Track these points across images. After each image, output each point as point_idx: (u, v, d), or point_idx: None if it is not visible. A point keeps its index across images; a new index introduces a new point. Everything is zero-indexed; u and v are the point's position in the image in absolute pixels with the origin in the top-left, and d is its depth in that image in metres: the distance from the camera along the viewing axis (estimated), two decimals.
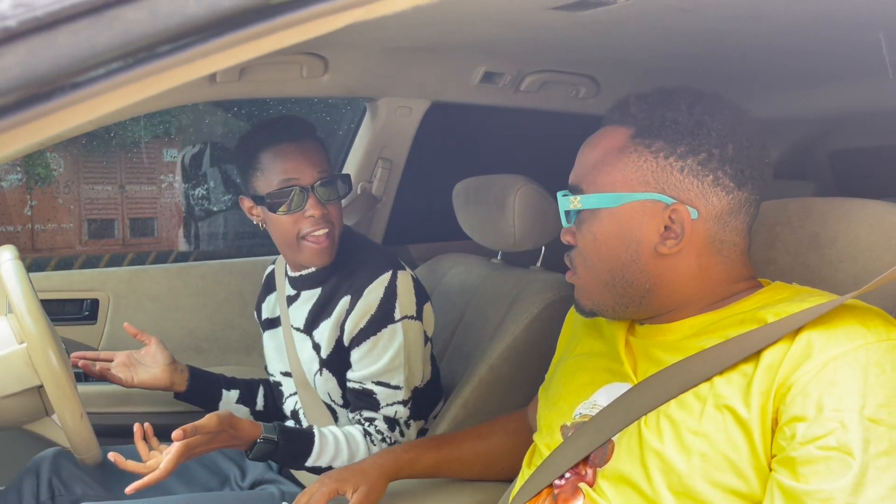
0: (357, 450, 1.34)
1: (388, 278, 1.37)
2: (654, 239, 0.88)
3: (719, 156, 0.85)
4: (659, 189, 0.87)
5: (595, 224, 0.91)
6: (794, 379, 0.74)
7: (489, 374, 1.48)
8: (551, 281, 1.55)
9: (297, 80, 1.60)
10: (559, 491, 0.91)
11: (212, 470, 1.56)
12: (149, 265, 2.06)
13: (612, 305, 0.94)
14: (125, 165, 3.75)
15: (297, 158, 1.35)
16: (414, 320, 1.39)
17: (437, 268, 1.89)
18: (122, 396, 1.79)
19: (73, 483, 1.42)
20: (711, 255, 0.88)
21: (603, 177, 0.90)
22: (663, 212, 0.87)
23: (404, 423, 1.38)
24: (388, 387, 1.37)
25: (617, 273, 0.90)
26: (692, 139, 0.86)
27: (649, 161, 0.87)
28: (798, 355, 0.75)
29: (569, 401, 0.98)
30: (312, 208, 1.36)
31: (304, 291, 1.49)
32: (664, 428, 0.82)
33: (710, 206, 0.86)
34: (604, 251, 0.91)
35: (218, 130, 3.20)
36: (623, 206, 0.89)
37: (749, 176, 0.87)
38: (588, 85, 1.84)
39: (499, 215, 1.57)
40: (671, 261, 0.88)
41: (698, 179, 0.86)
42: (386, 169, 1.97)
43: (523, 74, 1.76)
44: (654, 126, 0.88)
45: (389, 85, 1.74)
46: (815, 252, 0.96)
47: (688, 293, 0.90)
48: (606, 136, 0.92)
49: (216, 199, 3.26)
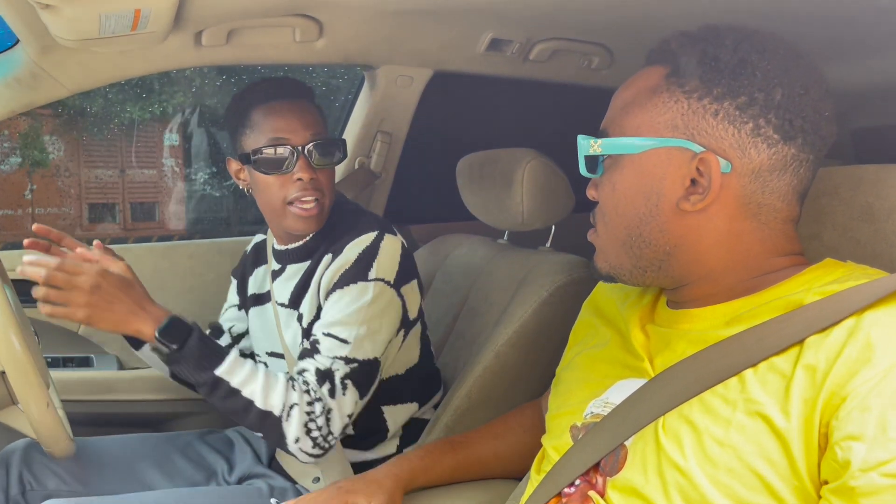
0: (274, 385, 1.18)
1: (373, 237, 1.28)
2: (677, 192, 0.77)
3: (763, 101, 0.74)
4: (688, 135, 0.76)
5: (616, 172, 0.82)
6: (850, 388, 0.63)
7: (495, 361, 1.38)
8: (562, 262, 1.45)
9: (290, 45, 1.50)
10: (567, 500, 0.81)
11: (197, 464, 1.47)
12: (132, 244, 1.97)
13: (629, 268, 0.83)
14: (126, 149, 3.70)
15: (289, 117, 1.29)
16: (389, 287, 1.28)
17: (440, 249, 1.79)
18: (104, 384, 1.71)
19: (45, 477, 1.33)
20: (745, 220, 0.77)
21: (629, 119, 0.80)
22: (690, 161, 0.76)
23: (340, 381, 1.21)
24: (335, 338, 1.24)
25: (634, 230, 0.80)
26: (732, 79, 0.75)
27: (680, 102, 0.77)
28: (854, 358, 0.63)
29: (579, 397, 0.88)
30: (301, 171, 1.28)
31: (289, 265, 1.40)
32: (685, 436, 0.71)
33: (748, 158, 0.75)
34: (622, 204, 0.81)
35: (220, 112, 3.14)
36: (646, 153, 0.78)
37: (799, 129, 0.75)
38: (602, 55, 1.73)
39: (506, 192, 1.48)
40: (695, 220, 0.78)
41: (735, 126, 0.75)
42: (385, 143, 1.88)
43: (533, 42, 1.65)
44: (690, 63, 0.77)
45: (389, 52, 1.64)
46: (867, 226, 0.84)
47: (713, 262, 0.79)
48: (642, 76, 0.82)
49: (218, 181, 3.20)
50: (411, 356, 1.40)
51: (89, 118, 3.30)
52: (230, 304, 1.57)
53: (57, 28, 1.13)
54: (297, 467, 1.42)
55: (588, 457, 0.80)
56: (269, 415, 1.17)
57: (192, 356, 1.16)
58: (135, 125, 3.42)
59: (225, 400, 1.17)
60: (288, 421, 1.17)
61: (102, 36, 1.18)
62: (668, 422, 0.73)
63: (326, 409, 1.20)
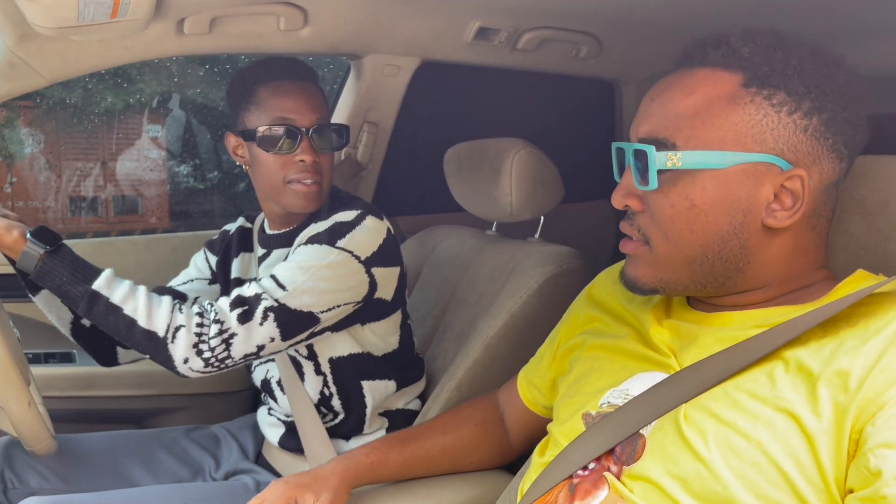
0: (158, 306, 1.14)
1: (355, 214, 1.27)
2: (761, 209, 0.75)
3: (841, 116, 0.74)
4: (777, 150, 0.73)
5: (695, 188, 0.75)
6: (888, 396, 0.61)
7: (484, 353, 1.37)
8: (551, 253, 1.43)
9: (274, 33, 1.47)
10: (580, 481, 0.79)
11: (183, 460, 1.45)
12: (115, 237, 1.93)
13: (685, 283, 0.80)
14: (107, 141, 3.65)
15: (296, 98, 1.28)
16: (357, 262, 1.24)
17: (428, 241, 1.77)
18: (86, 380, 1.68)
19: (27, 475, 1.31)
20: (807, 232, 0.77)
21: (709, 131, 0.74)
22: (777, 177, 0.73)
23: (262, 312, 1.16)
24: (275, 280, 1.20)
25: (712, 248, 0.76)
26: (820, 94, 0.73)
27: (770, 116, 0.73)
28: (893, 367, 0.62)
29: (595, 386, 0.86)
30: (304, 153, 1.28)
31: (275, 251, 1.38)
32: (709, 428, 0.70)
33: (824, 173, 0.74)
34: (701, 221, 0.76)
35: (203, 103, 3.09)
36: (732, 168, 0.74)
37: (859, 142, 0.76)
38: (590, 44, 1.72)
39: (494, 183, 1.46)
40: (774, 235, 0.75)
41: (819, 143, 0.73)
42: (372, 134, 1.85)
43: (520, 31, 1.63)
44: (774, 73, 0.73)
45: (376, 41, 1.62)
46: (860, 219, 0.84)
47: (774, 274, 0.77)
48: (706, 80, 0.76)
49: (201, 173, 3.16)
50: (389, 342, 1.38)
51: (69, 109, 3.25)
52: (199, 276, 1.51)
53: (34, 16, 1.10)
54: (284, 462, 1.40)
55: (603, 441, 0.78)
56: (154, 335, 1.13)
57: (67, 264, 1.12)
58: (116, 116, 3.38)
59: (106, 318, 1.13)
60: (174, 342, 1.13)
61: (81, 24, 1.15)
62: (692, 414, 0.72)
63: (227, 333, 1.15)
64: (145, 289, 1.17)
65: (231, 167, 3.05)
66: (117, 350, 1.35)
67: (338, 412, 1.37)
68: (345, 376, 1.35)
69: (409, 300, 1.58)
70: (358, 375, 1.35)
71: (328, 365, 1.34)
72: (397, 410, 1.42)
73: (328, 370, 1.34)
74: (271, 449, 1.44)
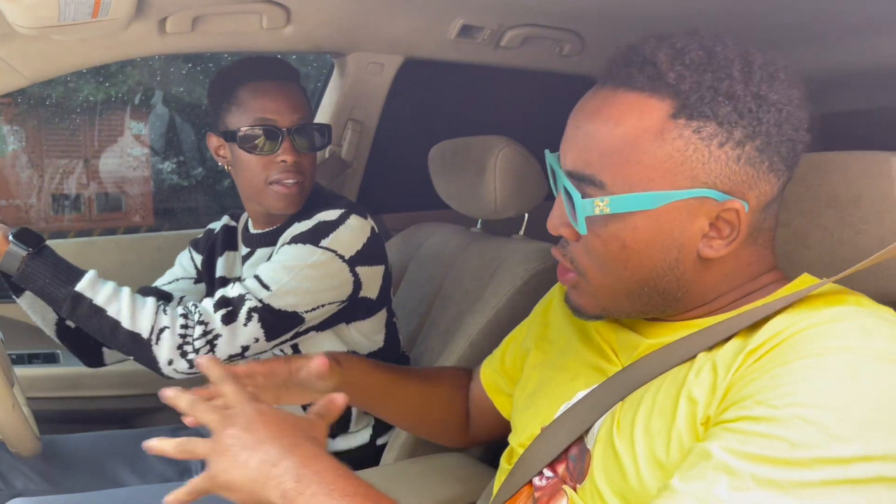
0: (142, 307, 1.14)
1: (339, 213, 1.28)
2: (697, 241, 0.71)
3: (776, 136, 0.69)
4: (710, 184, 0.69)
5: (626, 229, 0.72)
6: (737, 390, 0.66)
7: (469, 350, 1.38)
8: (535, 250, 1.44)
9: (257, 32, 1.47)
10: (540, 494, 0.80)
11: (170, 460, 1.42)
12: (98, 236, 1.92)
13: (626, 311, 0.79)
14: (90, 138, 3.62)
15: (277, 98, 1.28)
16: (342, 261, 1.25)
17: (413, 238, 1.78)
18: (71, 380, 1.67)
19: (12, 476, 1.30)
20: (747, 247, 0.74)
21: (637, 170, 0.70)
22: (712, 209, 0.70)
23: (246, 312, 1.17)
24: (258, 281, 1.21)
25: (648, 283, 0.74)
26: (752, 120, 0.68)
27: (699, 150, 0.68)
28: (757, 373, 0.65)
29: (549, 399, 0.85)
30: (286, 153, 1.27)
31: (259, 249, 1.38)
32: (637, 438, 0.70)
33: (761, 195, 0.71)
34: (634, 260, 0.73)
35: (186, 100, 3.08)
36: (663, 207, 0.70)
37: (799, 152, 0.72)
38: (573, 41, 1.73)
39: (478, 180, 1.47)
40: (712, 262, 0.73)
41: (754, 168, 0.69)
42: (356, 131, 1.86)
43: (504, 28, 1.64)
44: (704, 101, 0.68)
45: (359, 39, 1.62)
46: (834, 213, 0.85)
47: (718, 291, 0.76)
48: (632, 108, 0.70)
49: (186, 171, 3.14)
50: (374, 340, 1.39)
51: (51, 107, 3.22)
52: (185, 275, 1.51)
53: (14, 15, 1.10)
54: None
55: (553, 447, 0.79)
56: (138, 337, 1.12)
57: (50, 266, 1.12)
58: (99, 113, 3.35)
59: (89, 320, 1.12)
60: (158, 344, 1.13)
61: (62, 23, 1.15)
62: (623, 424, 0.72)
63: (211, 334, 1.15)
64: (129, 290, 1.16)
65: (215, 164, 3.05)
66: (103, 351, 1.35)
67: None
68: None
69: (395, 298, 1.59)
70: None
71: None
72: None
73: None
74: None
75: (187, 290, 1.49)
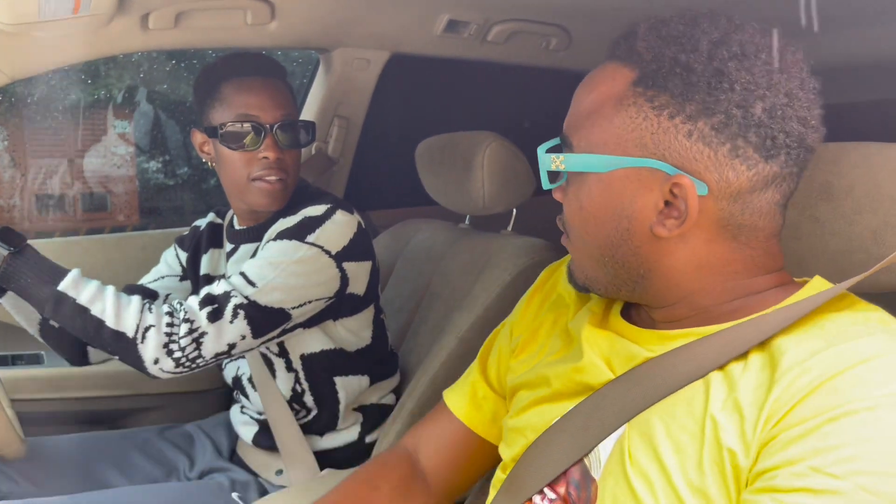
0: (126, 306, 1.12)
1: (325, 209, 1.27)
2: (650, 217, 0.70)
3: (742, 119, 0.66)
4: (659, 155, 0.68)
5: (582, 190, 0.74)
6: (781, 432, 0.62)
7: (459, 347, 1.37)
8: (524, 245, 1.44)
9: (242, 27, 1.46)
10: None
11: (156, 460, 1.43)
12: (83, 235, 1.90)
13: (604, 283, 0.78)
14: (74, 137, 3.59)
15: (260, 94, 1.27)
16: (328, 256, 1.24)
17: (401, 235, 1.77)
18: (56, 381, 1.65)
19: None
20: (724, 242, 0.71)
21: (596, 133, 0.72)
22: (663, 184, 0.69)
23: (232, 309, 1.16)
24: (244, 278, 1.20)
25: (606, 251, 0.74)
26: (707, 95, 0.66)
27: (649, 119, 0.69)
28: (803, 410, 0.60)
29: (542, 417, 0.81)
30: (268, 150, 1.26)
31: (243, 245, 1.37)
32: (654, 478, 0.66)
33: (725, 181, 0.67)
34: (591, 224, 0.74)
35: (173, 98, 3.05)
36: (614, 172, 0.71)
37: (783, 145, 0.67)
38: (559, 36, 1.73)
39: (466, 176, 1.46)
40: (671, 245, 0.71)
41: (710, 148, 0.67)
42: (342, 128, 1.84)
43: (490, 23, 1.63)
44: (660, 72, 0.68)
45: (345, 34, 1.61)
46: (826, 204, 0.85)
47: (691, 286, 0.73)
48: (607, 76, 0.73)
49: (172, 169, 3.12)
50: (362, 337, 1.38)
51: (33, 105, 3.19)
52: (170, 273, 1.49)
53: None
54: (258, 461, 1.40)
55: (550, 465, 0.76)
56: (123, 336, 1.11)
57: (33, 265, 1.10)
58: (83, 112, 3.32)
59: (73, 319, 1.11)
60: (144, 343, 1.11)
61: (42, 19, 1.13)
62: (637, 454, 0.69)
63: (197, 332, 1.14)
64: (113, 289, 1.15)
65: (201, 162, 3.02)
66: (88, 350, 1.33)
67: (311, 408, 1.36)
68: (317, 373, 1.34)
69: (383, 295, 1.58)
70: (330, 371, 1.35)
71: (300, 362, 1.33)
72: (371, 405, 1.42)
73: (300, 367, 1.33)
74: (245, 447, 1.43)
75: (173, 287, 1.47)
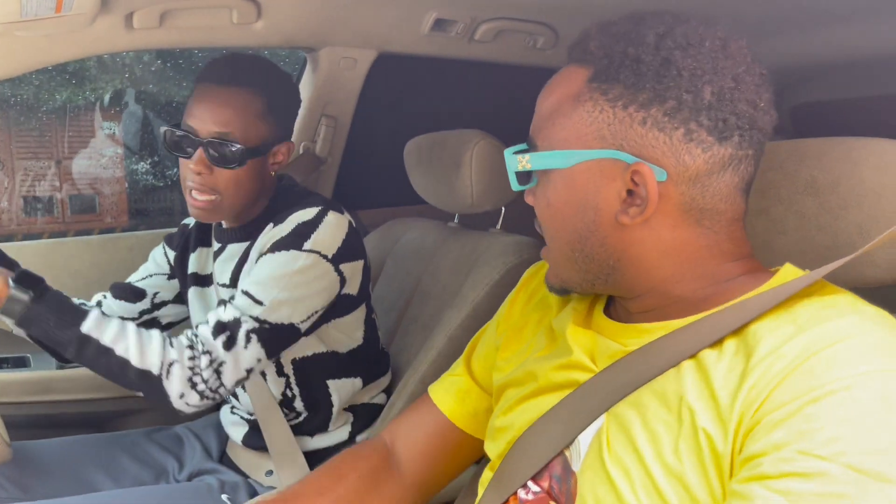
0: (149, 343, 1.12)
1: (316, 211, 1.25)
2: (614, 206, 0.73)
3: (692, 103, 0.69)
4: (617, 145, 0.72)
5: (548, 187, 0.77)
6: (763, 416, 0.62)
7: (448, 345, 1.37)
8: (513, 243, 1.44)
9: (227, 27, 1.45)
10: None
11: (145, 463, 1.42)
12: (69, 237, 1.89)
13: (578, 281, 0.80)
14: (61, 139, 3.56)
15: (203, 104, 1.22)
16: (326, 261, 1.24)
17: (389, 234, 1.77)
18: (42, 384, 1.63)
19: None
20: (688, 227, 0.73)
21: (556, 131, 0.75)
22: (624, 173, 0.72)
23: (244, 335, 1.16)
24: (250, 297, 1.19)
25: (575, 245, 0.77)
26: (657, 83, 0.70)
27: (605, 111, 0.72)
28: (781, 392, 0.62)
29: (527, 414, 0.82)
30: (197, 164, 1.22)
31: (230, 245, 1.36)
32: (631, 467, 0.68)
33: (682, 165, 0.71)
34: (559, 220, 0.77)
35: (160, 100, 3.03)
36: (577, 167, 0.74)
37: (734, 126, 0.71)
38: (546, 34, 1.73)
39: (455, 175, 1.46)
40: (637, 232, 0.73)
41: (665, 134, 0.70)
42: (330, 127, 1.84)
43: (477, 22, 1.63)
44: (612, 66, 0.72)
45: (331, 33, 1.60)
46: (812, 199, 0.85)
47: (661, 273, 0.75)
48: (564, 78, 0.77)
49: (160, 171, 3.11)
50: (354, 337, 1.37)
51: (19, 106, 3.16)
52: (158, 271, 1.48)
53: None
54: (248, 461, 1.39)
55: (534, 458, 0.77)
56: (148, 374, 1.11)
57: (53, 308, 1.09)
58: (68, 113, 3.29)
59: (97, 360, 1.10)
60: (168, 379, 1.11)
61: (25, 18, 1.12)
62: (615, 445, 0.70)
63: (216, 362, 1.14)
64: (134, 326, 1.14)
65: None
66: None
67: (300, 412, 1.36)
68: (309, 377, 1.33)
69: (373, 294, 1.57)
70: (323, 375, 1.34)
71: (291, 366, 1.33)
72: (363, 405, 1.41)
73: (291, 371, 1.33)
74: (235, 448, 1.42)
75: (160, 285, 1.46)
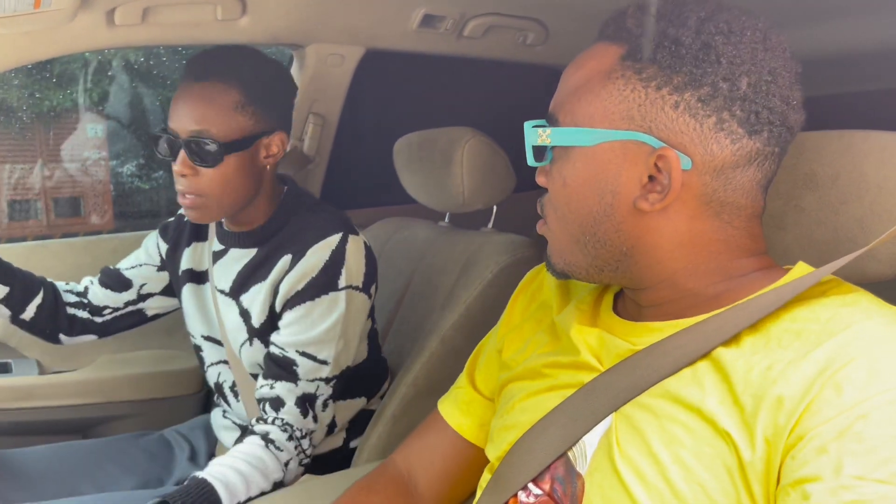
0: (265, 466, 1.18)
1: (338, 240, 1.22)
2: (634, 191, 0.70)
3: (728, 92, 0.67)
4: (645, 128, 0.69)
5: (567, 165, 0.74)
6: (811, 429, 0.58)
7: (440, 347, 1.35)
8: (505, 243, 1.42)
9: (211, 23, 1.42)
10: None
11: (132, 469, 1.40)
12: (52, 240, 1.85)
13: (584, 267, 0.77)
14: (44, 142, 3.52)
15: (179, 104, 1.18)
16: (359, 292, 1.24)
17: (379, 234, 1.74)
18: (24, 390, 1.61)
19: None
20: (707, 219, 0.71)
21: (582, 106, 0.72)
22: (648, 157, 0.69)
23: (322, 403, 1.24)
24: (313, 360, 1.21)
25: (588, 229, 0.74)
26: (695, 67, 0.67)
27: (637, 91, 0.69)
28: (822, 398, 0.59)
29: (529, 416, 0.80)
30: (179, 164, 1.18)
31: (234, 249, 1.31)
32: (646, 471, 0.65)
33: (709, 155, 0.68)
34: (574, 200, 0.74)
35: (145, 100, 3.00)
36: (599, 146, 0.71)
37: (766, 121, 0.68)
38: (536, 30, 1.71)
39: (445, 173, 1.44)
40: (654, 220, 0.71)
41: (696, 120, 0.68)
42: (318, 125, 1.81)
43: (466, 18, 1.61)
44: (649, 47, 0.69)
45: (318, 30, 1.58)
46: (811, 193, 0.84)
47: (674, 265, 0.73)
48: (595, 54, 0.74)
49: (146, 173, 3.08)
50: (360, 350, 1.35)
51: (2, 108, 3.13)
52: (149, 261, 1.44)
53: None
54: None
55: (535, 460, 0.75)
56: (279, 484, 1.21)
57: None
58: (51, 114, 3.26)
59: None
60: (287, 471, 1.21)
61: (2, 15, 1.09)
62: (626, 448, 0.68)
63: (310, 435, 1.24)
64: (242, 458, 1.16)
65: None
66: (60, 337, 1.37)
67: None
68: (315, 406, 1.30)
69: None
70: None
71: None
72: (360, 412, 1.39)
73: None
74: (225, 451, 1.39)
75: (149, 276, 1.43)
